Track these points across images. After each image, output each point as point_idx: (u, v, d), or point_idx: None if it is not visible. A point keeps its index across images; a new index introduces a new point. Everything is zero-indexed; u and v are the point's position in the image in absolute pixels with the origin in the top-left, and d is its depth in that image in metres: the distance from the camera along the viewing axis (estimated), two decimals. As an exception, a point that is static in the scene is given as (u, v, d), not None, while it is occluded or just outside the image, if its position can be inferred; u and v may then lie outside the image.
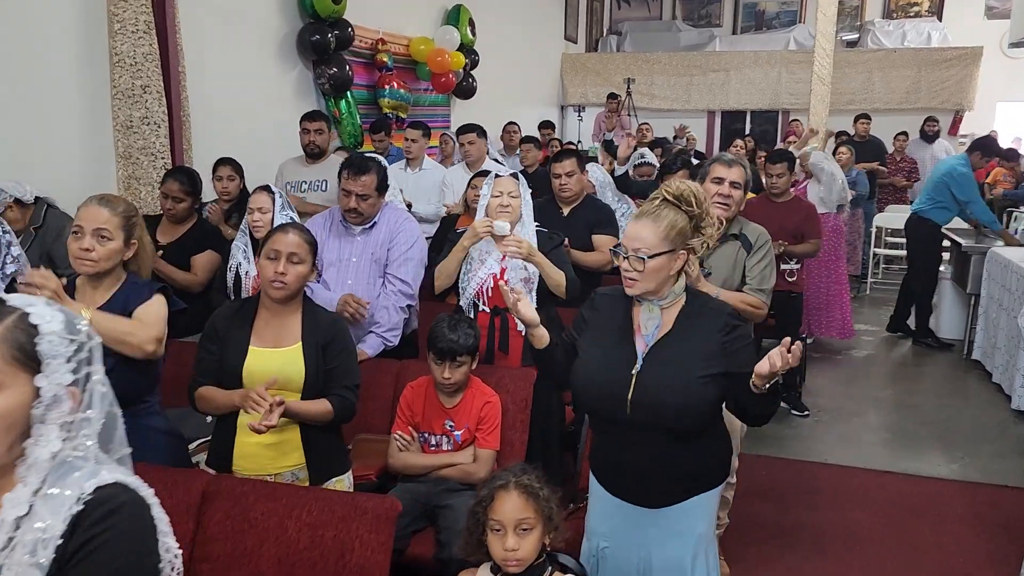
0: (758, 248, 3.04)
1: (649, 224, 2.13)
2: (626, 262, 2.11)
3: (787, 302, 4.94)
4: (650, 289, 2.12)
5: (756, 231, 3.09)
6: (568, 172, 4.11)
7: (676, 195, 2.13)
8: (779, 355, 1.93)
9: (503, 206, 3.19)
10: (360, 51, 6.74)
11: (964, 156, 6.33)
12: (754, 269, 3.01)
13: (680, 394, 2.07)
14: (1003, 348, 5.38)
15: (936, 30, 12.02)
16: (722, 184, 3.02)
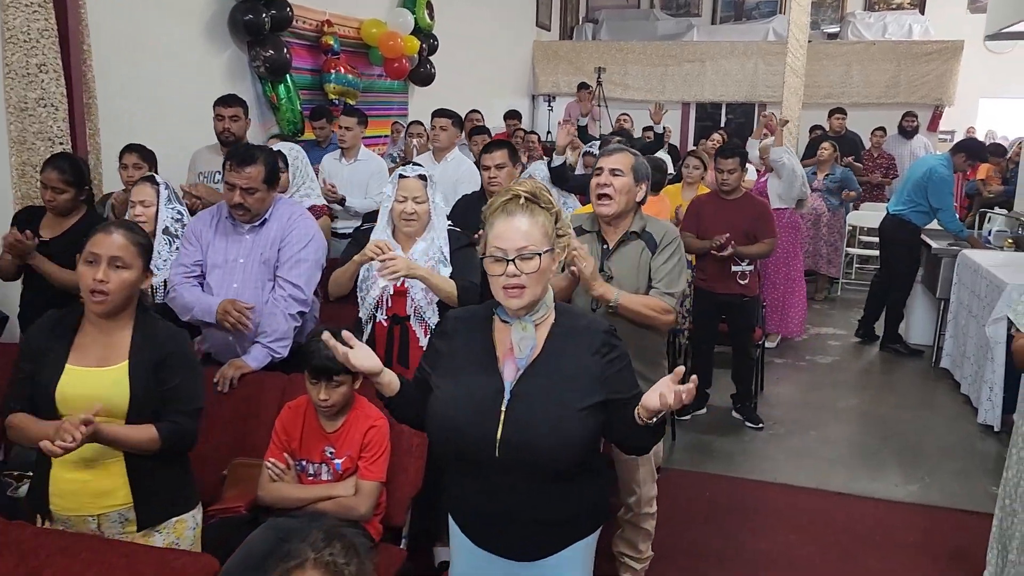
0: (664, 247, 2.72)
1: (528, 219, 1.80)
2: (511, 266, 1.77)
3: (739, 306, 4.63)
4: (537, 298, 1.80)
5: (662, 228, 2.77)
6: (498, 164, 3.77)
7: (533, 193, 1.81)
8: (669, 391, 1.61)
9: (407, 214, 2.85)
10: (303, 32, 6.35)
11: (946, 157, 6.00)
12: (661, 270, 2.69)
13: (557, 430, 1.75)
14: (972, 358, 5.08)
15: (918, 23, 11.72)
16: (600, 175, 2.70)
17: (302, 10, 6.26)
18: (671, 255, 2.73)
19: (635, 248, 2.74)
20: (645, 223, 2.78)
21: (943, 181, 5.76)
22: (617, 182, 2.68)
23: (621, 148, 2.76)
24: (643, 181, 2.76)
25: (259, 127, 5.90)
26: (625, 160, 2.71)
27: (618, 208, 2.70)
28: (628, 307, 2.60)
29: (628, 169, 2.71)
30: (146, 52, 4.83)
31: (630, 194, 2.72)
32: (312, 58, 6.52)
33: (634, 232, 2.75)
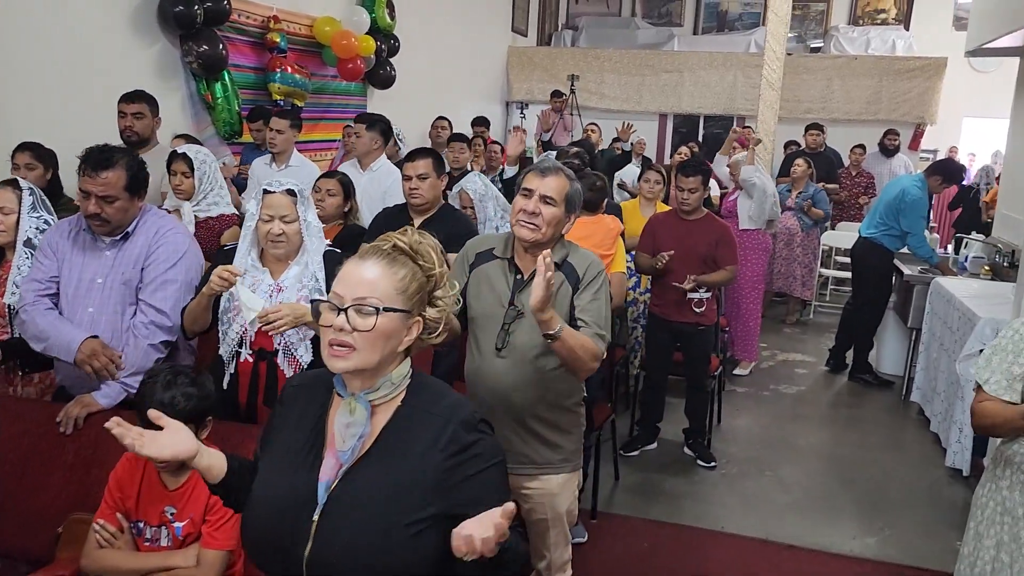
0: (589, 282, 2.34)
1: (383, 268, 1.45)
2: (342, 317, 1.41)
3: (694, 336, 4.28)
4: (369, 366, 1.43)
5: (585, 259, 2.39)
6: (420, 174, 3.40)
7: (412, 246, 1.46)
8: (482, 532, 1.26)
9: (274, 236, 2.47)
10: (247, 28, 5.97)
11: (920, 178, 5.67)
12: (589, 309, 2.31)
13: (379, 551, 1.37)
14: (942, 394, 4.74)
15: (902, 39, 11.45)
16: (529, 197, 2.31)
17: (245, 4, 5.89)
18: (599, 291, 2.35)
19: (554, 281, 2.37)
20: (567, 252, 2.40)
21: (915, 203, 5.43)
22: (547, 212, 2.30)
23: (557, 169, 2.36)
24: (573, 212, 2.39)
25: (192, 127, 5.51)
26: (560, 187, 2.32)
27: (542, 239, 2.32)
28: (567, 342, 2.20)
29: (561, 199, 2.32)
30: (55, 41, 4.43)
31: (558, 227, 2.35)
32: (256, 56, 6.13)
33: (553, 263, 2.38)
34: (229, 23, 5.68)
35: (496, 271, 2.39)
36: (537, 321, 2.15)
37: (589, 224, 3.41)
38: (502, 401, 2.35)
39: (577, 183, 2.39)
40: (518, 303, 2.33)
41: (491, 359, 2.35)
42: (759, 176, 5.60)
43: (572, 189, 2.35)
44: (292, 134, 4.71)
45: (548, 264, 2.00)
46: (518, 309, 2.32)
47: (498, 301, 2.31)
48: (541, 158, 5.12)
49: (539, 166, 2.37)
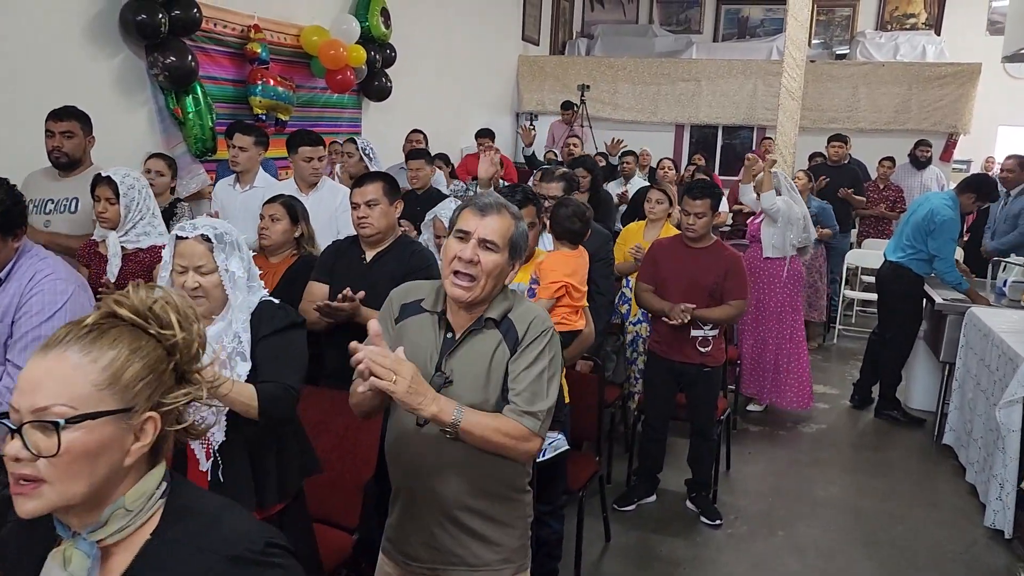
0: (530, 343, 1.90)
1: (76, 354, 1.03)
2: (16, 442, 1.01)
3: (698, 378, 3.80)
4: (71, 501, 1.02)
5: (529, 314, 1.94)
6: (369, 201, 2.97)
7: (137, 310, 1.03)
8: None
9: (190, 290, 2.05)
10: (224, 38, 5.61)
11: (951, 195, 5.14)
12: (522, 378, 1.87)
13: None
14: (979, 441, 4.22)
15: (932, 44, 10.87)
16: (465, 242, 1.87)
17: (222, 12, 5.52)
18: (538, 356, 1.91)
19: (488, 341, 1.93)
20: (510, 306, 1.96)
21: (946, 224, 4.91)
22: (487, 260, 1.86)
23: (499, 205, 1.92)
24: (519, 258, 1.95)
25: (162, 143, 5.15)
26: (503, 228, 1.89)
27: (480, 295, 1.89)
28: (473, 433, 1.78)
29: (505, 243, 1.89)
30: (3, 49, 4.08)
31: (500, 278, 1.91)
32: (235, 67, 5.76)
33: (490, 319, 1.94)
34: (203, 32, 5.33)
35: (424, 327, 1.95)
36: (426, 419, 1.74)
37: (572, 259, 2.97)
38: (424, 487, 1.92)
39: (521, 222, 1.94)
40: (447, 368, 1.89)
41: (412, 435, 1.92)
42: (783, 200, 5.09)
43: (518, 231, 1.91)
44: (257, 151, 4.32)
45: (372, 358, 1.63)
46: (446, 376, 1.88)
47: (423, 364, 1.87)
48: (479, 194, 4.58)
49: (476, 201, 1.93)
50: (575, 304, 2.90)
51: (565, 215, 2.98)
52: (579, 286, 2.90)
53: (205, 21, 5.28)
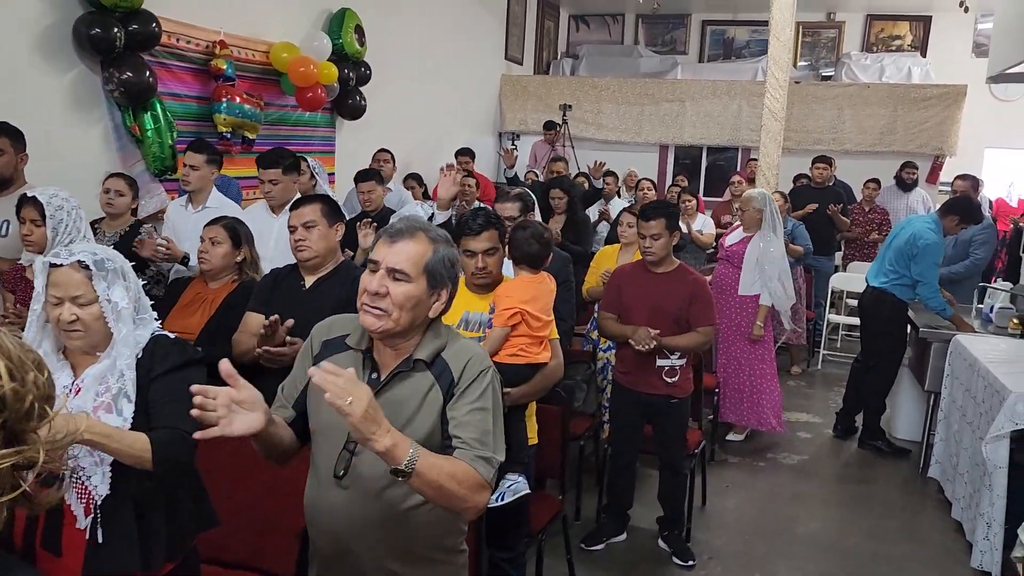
0: (468, 385, 1.72)
1: None
2: None
3: (666, 410, 3.60)
4: None
5: (466, 353, 1.76)
6: (306, 223, 2.79)
7: None
8: None
9: (66, 323, 1.85)
10: (188, 54, 5.43)
11: (934, 218, 4.98)
12: (467, 421, 1.69)
13: None
14: (966, 476, 4.03)
15: (918, 66, 10.79)
16: (376, 269, 1.70)
17: (185, 27, 5.34)
18: (481, 398, 1.72)
19: (418, 384, 1.74)
20: (442, 344, 1.77)
21: (929, 248, 4.75)
22: (397, 291, 1.68)
23: (413, 230, 1.74)
24: (443, 287, 1.76)
25: (119, 162, 4.95)
26: (415, 255, 1.71)
27: (395, 327, 1.70)
28: (426, 476, 1.57)
29: (419, 271, 1.71)
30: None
31: (418, 309, 1.72)
32: (199, 84, 5.58)
33: (420, 360, 1.74)
34: (164, 48, 5.16)
35: (346, 366, 1.76)
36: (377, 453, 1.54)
37: (533, 285, 2.78)
38: (343, 549, 1.72)
39: (445, 247, 1.76)
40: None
41: (329, 489, 1.73)
42: (770, 251, 4.91)
43: (435, 256, 1.73)
44: (209, 170, 4.13)
45: (326, 374, 1.45)
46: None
47: None
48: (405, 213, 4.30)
49: (390, 227, 1.75)
50: (534, 334, 2.71)
51: (523, 238, 2.80)
52: (539, 314, 2.71)
53: (167, 36, 5.11)
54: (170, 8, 5.13)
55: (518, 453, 2.73)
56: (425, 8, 8.53)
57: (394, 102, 7.94)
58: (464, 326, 2.71)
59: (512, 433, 2.72)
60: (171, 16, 5.14)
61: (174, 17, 5.19)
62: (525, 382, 2.71)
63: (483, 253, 2.70)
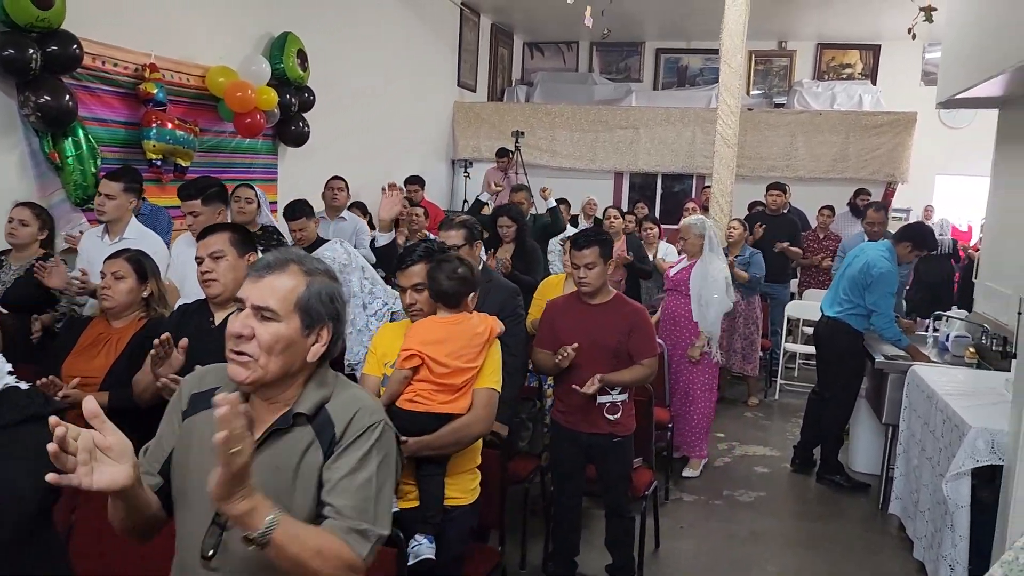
0: (352, 441, 1.50)
1: None
2: None
3: (608, 452, 3.39)
4: None
5: (351, 405, 1.54)
6: (214, 253, 2.57)
7: None
8: None
9: None
10: (115, 77, 5.16)
11: (887, 245, 4.87)
12: (343, 486, 1.47)
13: None
14: (927, 515, 3.87)
15: (869, 93, 10.88)
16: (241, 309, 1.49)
17: (112, 50, 5.08)
18: (363, 459, 1.49)
19: (296, 442, 1.50)
20: (327, 395, 1.55)
21: (884, 278, 4.63)
22: (264, 332, 1.47)
23: (284, 261, 1.53)
24: (322, 326, 1.54)
25: (36, 191, 4.66)
26: (285, 290, 1.49)
27: (265, 376, 1.47)
28: (286, 549, 1.35)
29: (289, 309, 1.49)
30: None
31: (291, 353, 1.50)
32: (128, 109, 5.31)
33: (301, 414, 1.51)
34: (88, 71, 4.90)
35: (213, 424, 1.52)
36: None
37: (446, 326, 2.53)
38: None
39: (322, 280, 1.54)
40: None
41: (196, 573, 1.47)
42: (710, 275, 4.79)
43: (310, 291, 1.51)
44: (126, 199, 3.87)
45: (229, 413, 1.20)
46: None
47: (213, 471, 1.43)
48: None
49: (257, 262, 1.52)
50: (438, 381, 2.46)
51: (436, 274, 2.55)
52: (445, 359, 2.45)
53: (90, 58, 4.86)
54: (94, 29, 4.87)
55: (426, 511, 2.48)
56: (372, 33, 8.35)
57: (340, 129, 7.72)
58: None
59: (424, 488, 2.48)
60: (95, 38, 4.88)
61: (99, 39, 4.94)
62: (425, 433, 2.46)
63: (411, 288, 2.52)
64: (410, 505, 2.50)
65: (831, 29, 11.26)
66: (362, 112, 8.24)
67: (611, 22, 8.67)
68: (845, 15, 10.31)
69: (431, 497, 2.50)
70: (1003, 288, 4.90)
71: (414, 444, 2.43)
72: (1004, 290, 4.85)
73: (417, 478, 2.50)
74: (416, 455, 2.44)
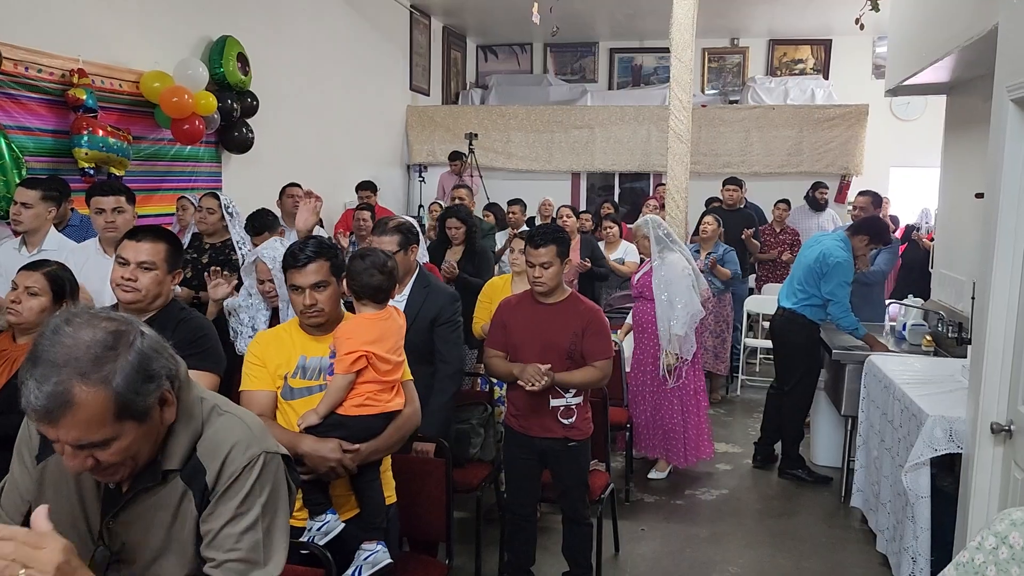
0: (228, 485, 1.34)
1: None
2: None
3: (563, 456, 3.26)
4: None
5: (222, 445, 1.37)
6: (143, 263, 2.39)
7: None
8: None
9: None
10: (40, 83, 4.93)
11: (842, 236, 4.81)
12: (225, 538, 1.31)
13: None
14: (888, 507, 3.79)
15: (821, 88, 10.90)
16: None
17: (35, 55, 4.86)
18: (242, 505, 1.34)
19: (167, 497, 1.35)
20: (195, 433, 1.38)
21: (839, 267, 4.57)
22: (106, 454, 1.25)
23: (62, 392, 1.18)
24: (157, 399, 1.30)
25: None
26: (96, 418, 1.21)
27: (135, 469, 1.33)
28: None
29: (114, 425, 1.24)
30: None
31: (147, 444, 1.31)
32: (56, 116, 5.08)
33: (172, 470, 1.35)
34: (9, 76, 4.68)
35: (57, 488, 1.35)
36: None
37: (379, 322, 2.38)
38: None
39: (123, 364, 1.23)
40: (113, 537, 1.29)
41: None
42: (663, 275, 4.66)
43: (119, 397, 1.22)
44: (44, 208, 3.66)
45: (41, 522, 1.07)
46: (112, 550, 1.28)
47: (75, 531, 1.26)
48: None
49: (37, 402, 1.19)
50: (383, 379, 2.32)
51: (361, 268, 2.40)
52: (387, 355, 2.32)
53: (12, 64, 4.66)
54: (15, 33, 4.66)
55: (373, 517, 2.34)
56: (317, 37, 8.16)
57: (287, 134, 7.53)
58: (301, 374, 2.31)
59: (365, 494, 2.34)
60: (16, 42, 4.67)
61: (20, 43, 4.72)
62: (376, 435, 2.32)
63: (311, 288, 2.29)
64: (348, 516, 2.35)
65: (782, 24, 11.28)
66: (310, 117, 8.04)
67: (562, 22, 8.58)
68: (796, 10, 10.33)
69: (375, 502, 2.37)
70: (957, 275, 4.87)
71: (366, 449, 2.29)
72: (958, 276, 4.82)
73: (356, 486, 2.36)
74: (364, 461, 2.30)
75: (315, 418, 2.26)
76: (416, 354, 2.74)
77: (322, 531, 2.23)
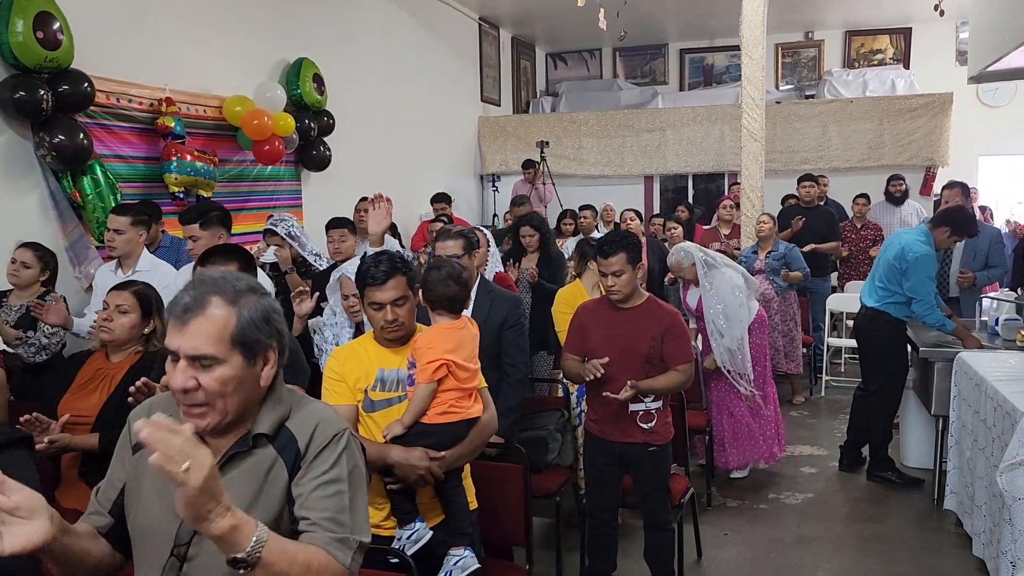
0: (317, 453, 1.44)
1: None
2: None
3: (644, 460, 3.25)
4: None
5: (311, 419, 1.48)
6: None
7: None
8: None
9: None
10: (131, 113, 5.20)
11: (924, 230, 4.64)
12: (315, 500, 1.41)
13: None
14: (983, 508, 3.65)
15: (902, 78, 10.55)
16: (175, 362, 1.40)
17: (125, 86, 5.13)
18: (331, 470, 1.43)
19: (259, 464, 1.43)
20: (285, 412, 1.48)
21: (920, 262, 4.41)
22: (208, 380, 1.38)
23: (202, 294, 1.41)
24: (267, 350, 1.45)
25: (59, 231, 4.70)
26: (215, 330, 1.39)
27: (223, 419, 1.42)
28: (276, 567, 1.29)
29: (227, 348, 1.39)
30: None
31: (245, 389, 1.43)
32: (146, 144, 5.35)
33: (261, 435, 1.44)
34: (103, 108, 4.94)
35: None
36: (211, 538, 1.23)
37: (455, 332, 2.43)
38: None
39: (252, 300, 1.45)
40: None
41: None
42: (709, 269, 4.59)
43: (242, 320, 1.41)
44: (135, 232, 3.88)
45: (153, 435, 1.16)
46: None
47: (169, 508, 1.35)
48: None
49: (175, 304, 1.41)
50: (463, 386, 2.37)
51: (437, 279, 2.46)
52: (466, 363, 2.38)
53: (104, 96, 4.92)
54: (106, 67, 4.92)
55: (460, 523, 2.39)
56: (388, 54, 8.35)
57: (362, 150, 7.72)
58: (380, 386, 2.37)
59: (451, 500, 2.40)
60: (107, 75, 4.94)
61: (111, 76, 4.99)
62: (459, 442, 2.38)
63: (392, 304, 2.34)
64: (434, 523, 2.41)
65: (859, 15, 10.98)
66: (384, 133, 8.23)
67: (630, 26, 8.54)
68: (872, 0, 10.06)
69: (461, 508, 2.43)
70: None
71: (451, 455, 2.35)
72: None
73: (442, 493, 2.41)
74: (449, 467, 2.36)
75: (400, 428, 2.32)
76: (486, 359, 2.79)
77: (412, 539, 2.29)
